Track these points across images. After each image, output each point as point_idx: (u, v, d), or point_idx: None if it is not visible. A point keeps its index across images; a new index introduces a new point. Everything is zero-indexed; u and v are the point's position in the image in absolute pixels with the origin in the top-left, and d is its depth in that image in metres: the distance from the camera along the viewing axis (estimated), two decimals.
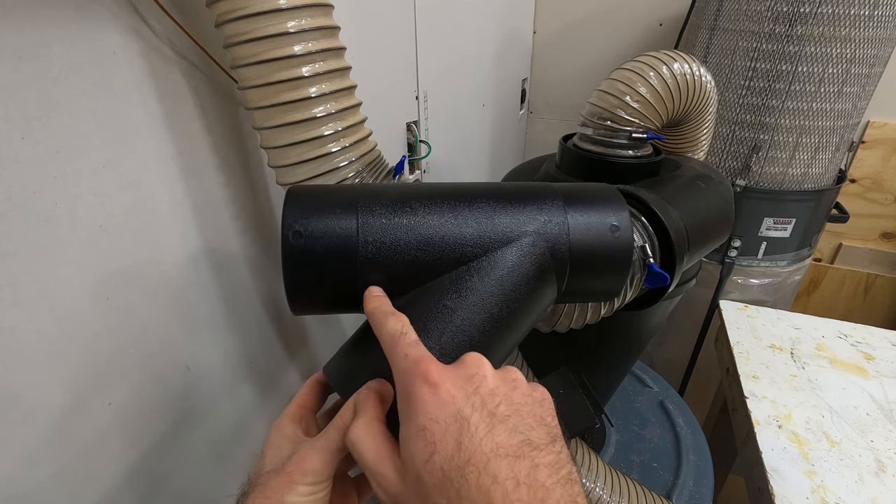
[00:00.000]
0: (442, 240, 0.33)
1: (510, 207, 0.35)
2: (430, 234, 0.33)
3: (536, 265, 0.34)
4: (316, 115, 0.40)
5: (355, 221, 0.33)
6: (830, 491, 0.66)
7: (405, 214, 0.33)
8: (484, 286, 0.33)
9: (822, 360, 0.90)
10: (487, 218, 0.34)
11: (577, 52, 1.50)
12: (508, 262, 0.34)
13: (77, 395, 0.37)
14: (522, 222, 0.35)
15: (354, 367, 0.33)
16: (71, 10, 0.33)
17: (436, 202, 0.34)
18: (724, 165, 1.09)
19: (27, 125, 0.32)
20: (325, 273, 0.32)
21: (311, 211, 0.33)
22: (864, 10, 0.89)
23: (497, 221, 0.34)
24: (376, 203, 0.34)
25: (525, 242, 0.34)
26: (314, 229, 0.32)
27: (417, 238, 0.33)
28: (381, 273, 0.33)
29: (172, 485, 0.48)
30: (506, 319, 0.34)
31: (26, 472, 0.35)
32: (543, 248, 0.34)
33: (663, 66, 0.60)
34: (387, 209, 0.33)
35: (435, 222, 0.34)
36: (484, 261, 0.33)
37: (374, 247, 0.32)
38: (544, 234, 0.35)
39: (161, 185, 0.42)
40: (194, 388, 0.49)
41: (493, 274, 0.33)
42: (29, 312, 0.33)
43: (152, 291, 0.43)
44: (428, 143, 0.89)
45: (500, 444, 0.24)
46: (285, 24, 0.37)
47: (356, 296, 0.33)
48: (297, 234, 0.32)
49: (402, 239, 0.33)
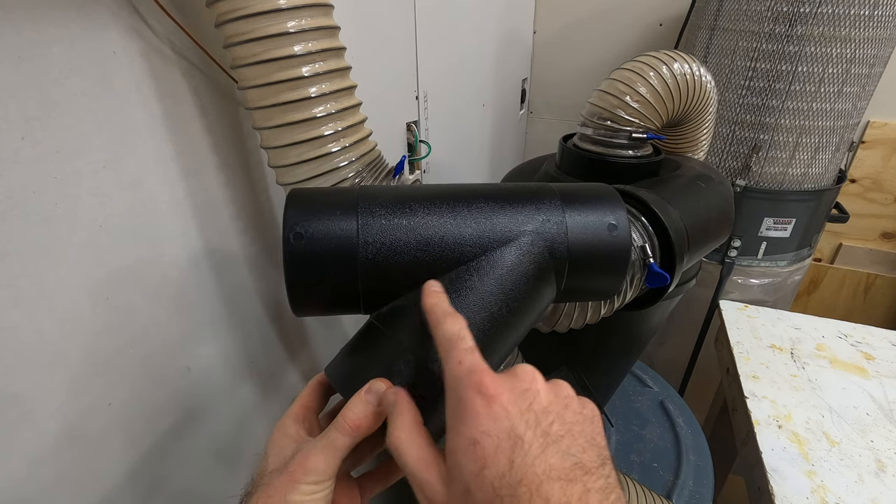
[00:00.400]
0: (441, 240, 0.33)
1: (509, 207, 0.35)
2: (429, 235, 0.33)
3: (535, 264, 0.34)
4: (316, 115, 0.40)
5: (355, 223, 0.33)
6: (830, 491, 0.66)
7: (404, 215, 0.34)
8: (483, 285, 0.33)
9: (822, 360, 0.90)
10: (486, 218, 0.34)
11: (577, 52, 1.50)
12: (507, 261, 0.34)
13: (77, 395, 0.37)
14: (521, 222, 0.35)
15: (356, 368, 0.34)
16: (71, 10, 0.33)
17: (435, 203, 0.35)
18: (724, 165, 1.09)
19: (27, 125, 0.32)
20: (326, 274, 0.32)
21: (312, 213, 0.33)
22: (864, 10, 0.89)
23: (496, 221, 0.34)
24: (376, 204, 0.34)
25: (524, 242, 0.34)
26: (315, 231, 0.32)
27: (417, 238, 0.33)
28: (382, 273, 0.33)
29: (173, 485, 0.48)
30: (505, 318, 0.34)
31: (27, 473, 0.35)
32: (542, 248, 0.35)
33: (663, 66, 0.60)
34: (386, 210, 0.34)
35: (434, 223, 0.34)
36: (483, 260, 0.34)
37: (374, 248, 0.33)
38: (543, 233, 0.35)
39: (161, 185, 0.42)
40: (195, 388, 0.49)
41: (492, 273, 0.33)
42: (29, 312, 0.33)
43: (152, 292, 0.43)
44: (428, 143, 0.89)
45: (553, 467, 0.24)
46: (285, 24, 0.37)
47: (357, 297, 0.34)
48: (298, 235, 0.32)
49: (402, 239, 0.33)
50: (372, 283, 0.33)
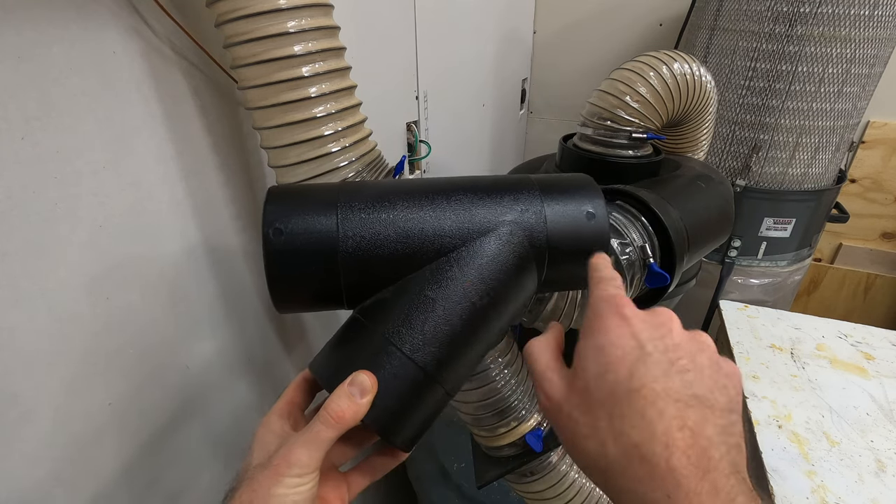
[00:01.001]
0: (421, 231, 0.34)
1: (488, 199, 0.36)
2: (409, 227, 0.34)
3: (515, 254, 0.35)
4: (316, 115, 0.40)
5: (335, 217, 0.33)
6: (830, 491, 0.66)
7: (384, 209, 0.34)
8: (464, 275, 0.33)
9: (822, 360, 0.89)
10: (465, 209, 0.35)
11: (577, 52, 1.50)
12: (487, 251, 0.34)
13: (77, 395, 0.37)
14: (500, 213, 0.35)
15: (340, 362, 0.34)
16: (71, 10, 0.33)
17: (414, 196, 0.35)
18: (724, 165, 1.09)
19: (27, 125, 0.32)
20: (307, 269, 0.33)
21: (292, 208, 0.33)
22: (864, 10, 0.89)
23: (475, 212, 0.35)
24: (356, 199, 0.34)
25: (503, 232, 0.35)
26: (294, 226, 0.32)
27: (397, 231, 0.33)
28: (363, 267, 0.33)
29: (171, 483, 0.48)
30: (486, 309, 0.34)
31: (26, 472, 0.35)
32: (521, 237, 0.35)
33: (663, 66, 0.60)
34: (366, 204, 0.34)
35: (413, 215, 0.34)
36: (463, 251, 0.34)
37: (354, 241, 0.33)
38: (521, 223, 0.35)
39: (161, 184, 0.42)
40: (194, 386, 0.49)
41: (472, 263, 0.34)
42: (29, 312, 0.33)
43: (152, 291, 0.43)
44: (428, 143, 0.89)
45: (673, 388, 0.25)
46: (285, 24, 0.37)
47: (339, 292, 0.34)
48: (277, 231, 0.32)
49: (382, 233, 0.33)
50: (353, 277, 0.33)
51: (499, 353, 0.52)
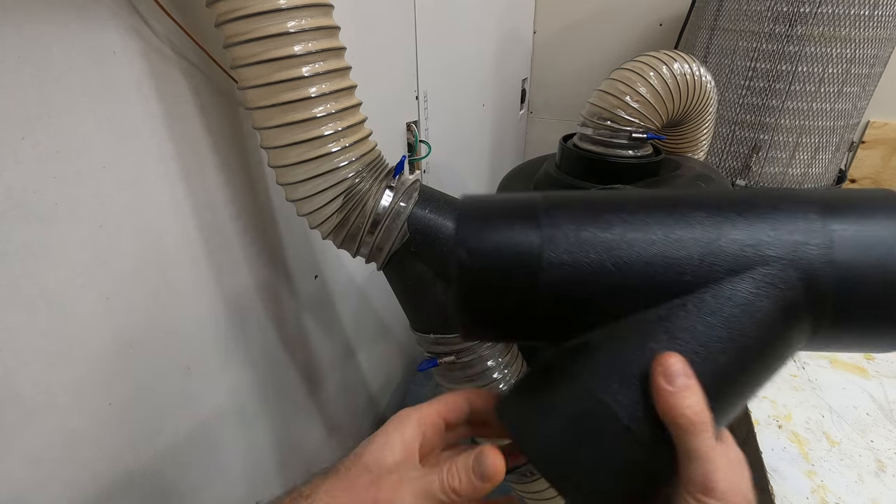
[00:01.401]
0: (647, 264, 0.26)
1: (742, 223, 0.27)
2: (631, 257, 0.26)
3: (781, 303, 0.26)
4: (316, 115, 0.40)
5: (537, 237, 0.27)
6: (830, 491, 0.66)
7: (598, 229, 0.27)
8: (707, 329, 0.25)
9: (821, 359, 0.89)
10: (711, 237, 0.26)
11: (577, 52, 1.50)
12: (740, 297, 0.26)
13: (77, 395, 0.37)
14: (762, 243, 0.26)
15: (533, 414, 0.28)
16: (71, 10, 0.33)
17: (637, 215, 0.27)
18: (724, 165, 1.09)
19: (27, 125, 0.32)
20: (501, 298, 0.28)
21: (488, 226, 0.28)
22: (864, 10, 0.89)
23: (724, 242, 0.26)
24: (562, 215, 0.28)
25: (765, 271, 0.26)
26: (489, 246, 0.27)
27: (615, 260, 0.26)
28: (568, 301, 0.27)
29: (171, 484, 0.48)
30: (735, 376, 0.26)
31: (26, 473, 0.35)
32: (794, 280, 0.26)
33: (663, 66, 0.60)
34: (575, 223, 0.27)
35: (638, 240, 0.26)
36: (706, 294, 0.26)
37: (559, 270, 0.27)
38: (794, 260, 0.26)
39: (161, 184, 0.42)
40: (194, 387, 0.49)
41: (718, 313, 0.25)
42: (29, 312, 0.33)
43: (152, 291, 0.43)
44: (428, 143, 0.89)
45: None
46: (285, 24, 0.37)
47: (536, 324, 0.28)
48: (471, 251, 0.27)
49: (596, 261, 0.26)
50: (554, 310, 0.27)
51: (499, 353, 0.52)
